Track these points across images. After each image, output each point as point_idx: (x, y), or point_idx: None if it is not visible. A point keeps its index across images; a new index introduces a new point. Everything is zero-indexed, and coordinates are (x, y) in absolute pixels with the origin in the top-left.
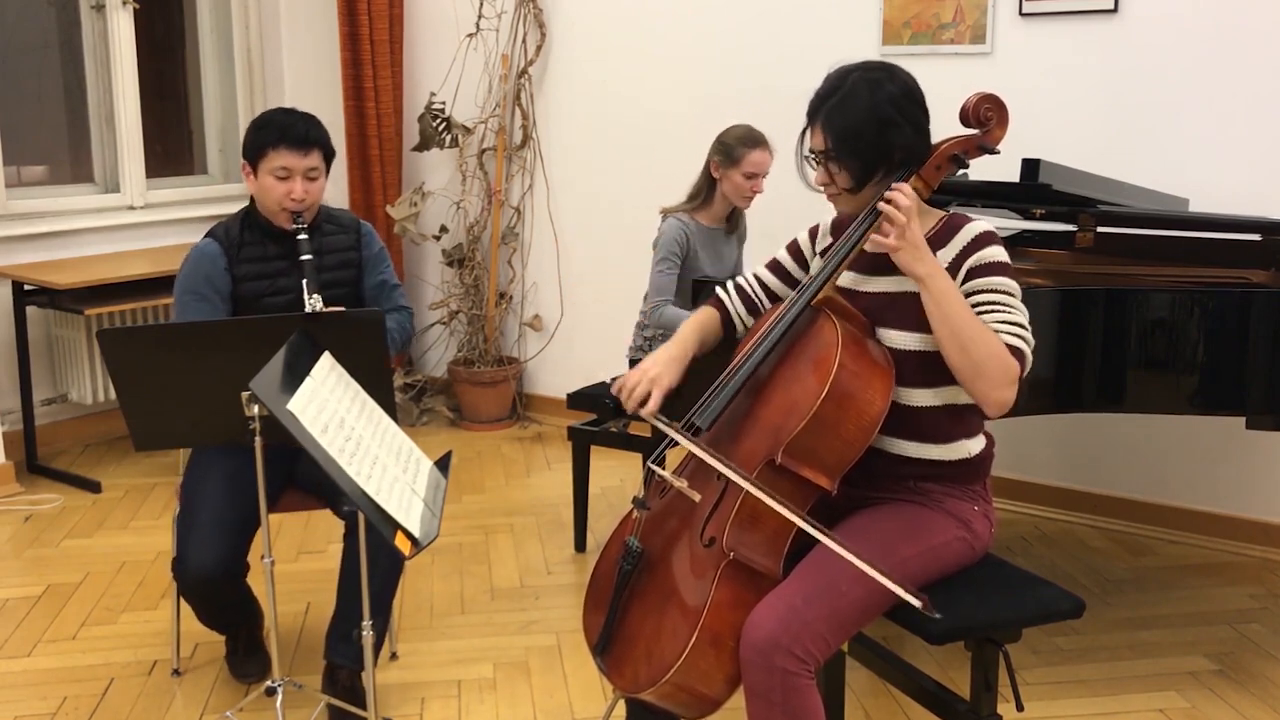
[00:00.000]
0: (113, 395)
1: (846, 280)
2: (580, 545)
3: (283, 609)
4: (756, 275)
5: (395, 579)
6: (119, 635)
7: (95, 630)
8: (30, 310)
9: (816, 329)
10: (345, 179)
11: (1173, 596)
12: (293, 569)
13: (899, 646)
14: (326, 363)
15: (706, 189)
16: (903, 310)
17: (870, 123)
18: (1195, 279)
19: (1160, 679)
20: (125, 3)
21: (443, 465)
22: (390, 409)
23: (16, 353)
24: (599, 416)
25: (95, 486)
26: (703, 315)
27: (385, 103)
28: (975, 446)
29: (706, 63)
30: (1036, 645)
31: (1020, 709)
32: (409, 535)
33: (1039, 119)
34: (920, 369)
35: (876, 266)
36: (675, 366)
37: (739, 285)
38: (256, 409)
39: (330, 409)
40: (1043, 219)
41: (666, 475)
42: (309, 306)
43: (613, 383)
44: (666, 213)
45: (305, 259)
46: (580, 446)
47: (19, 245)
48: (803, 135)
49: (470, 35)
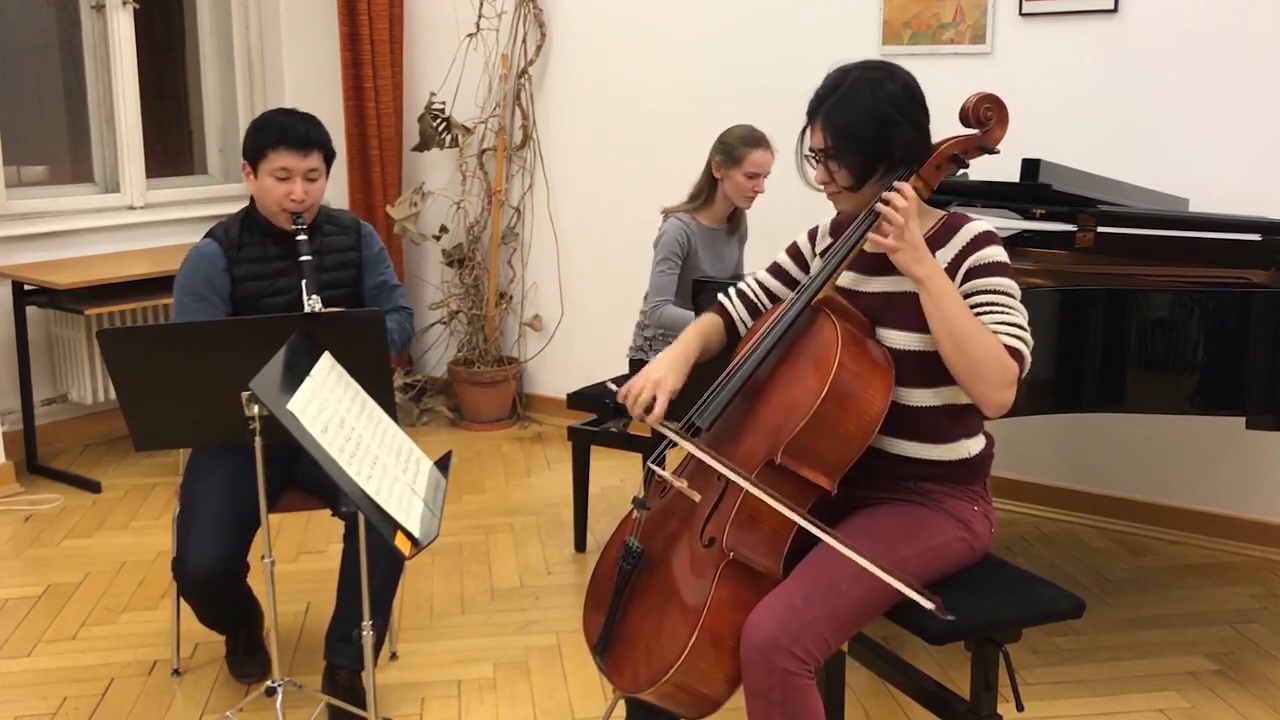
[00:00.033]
0: (113, 395)
1: (846, 280)
2: (580, 545)
3: (283, 609)
4: (758, 279)
5: (395, 579)
6: (119, 635)
7: (95, 630)
8: (30, 310)
9: (816, 329)
10: (345, 179)
11: (1173, 596)
12: (293, 569)
13: (899, 646)
14: (326, 363)
15: (708, 189)
16: (902, 310)
17: (870, 121)
18: (1195, 279)
19: (1160, 679)
20: (125, 3)
21: (443, 465)
22: (390, 409)
23: (16, 353)
24: (599, 416)
25: (95, 486)
26: (705, 321)
27: (385, 103)
28: (975, 446)
29: (706, 63)
30: (1036, 645)
31: (1020, 709)
32: (409, 535)
33: (1039, 119)
34: (920, 369)
35: (876, 266)
36: (678, 369)
37: (740, 290)
38: (256, 409)
39: (330, 409)
40: (1043, 219)
41: (666, 475)
42: (308, 307)
43: (616, 390)
44: (668, 212)
45: (304, 260)
46: (580, 446)
47: (19, 245)
48: (802, 134)
49: (470, 35)
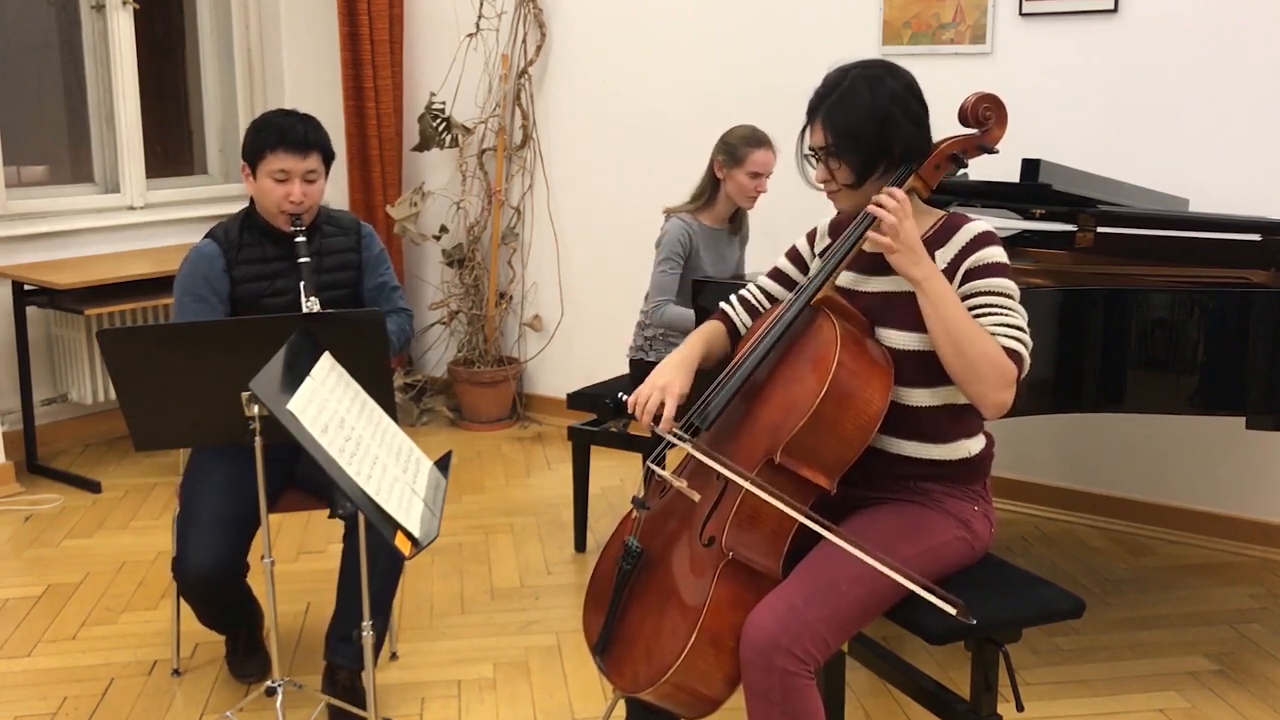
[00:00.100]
0: (113, 395)
1: (845, 280)
2: (580, 545)
3: (283, 609)
4: (759, 284)
5: (395, 579)
6: (119, 635)
7: (95, 630)
8: (30, 310)
9: (815, 328)
10: (345, 179)
11: (1173, 596)
12: (293, 569)
13: (899, 646)
14: (326, 363)
15: (710, 189)
16: (902, 310)
17: (870, 119)
18: (1195, 279)
19: (1160, 679)
20: (125, 3)
21: (443, 465)
22: (390, 409)
23: (16, 353)
24: (599, 416)
25: (95, 486)
26: (708, 327)
27: (385, 103)
28: (975, 446)
29: (706, 63)
30: (1036, 645)
31: (1020, 709)
32: (409, 535)
33: (1039, 119)
34: (919, 368)
35: (875, 266)
36: (684, 372)
37: (742, 296)
38: (256, 409)
39: (330, 409)
40: (1043, 219)
41: (666, 475)
42: (305, 309)
43: (625, 400)
44: (670, 212)
45: (303, 261)
46: (580, 446)
47: (19, 245)
48: (802, 133)
49: (470, 35)
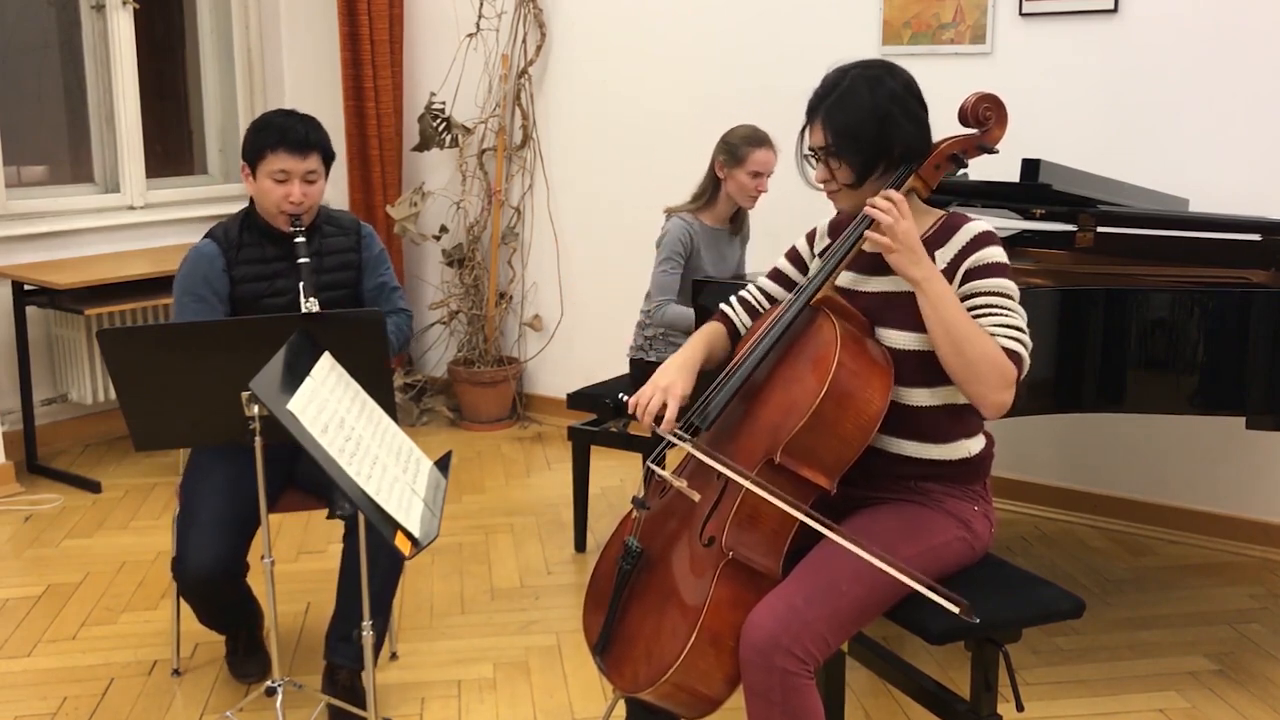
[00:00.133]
0: (113, 395)
1: (845, 280)
2: (580, 545)
3: (283, 609)
4: (759, 285)
5: (395, 579)
6: (119, 635)
7: (95, 630)
8: (30, 310)
9: (815, 328)
10: (345, 179)
11: (1173, 596)
12: (293, 569)
13: (899, 646)
14: (326, 363)
15: (711, 189)
16: (902, 310)
17: (870, 118)
18: (1195, 279)
19: (1160, 679)
20: (125, 3)
21: (443, 465)
22: (390, 409)
23: (16, 353)
24: (599, 416)
25: (95, 486)
26: (709, 328)
27: (385, 103)
28: (975, 446)
29: (706, 63)
30: (1036, 645)
31: (1020, 709)
32: (409, 535)
33: (1039, 119)
34: (919, 368)
35: (875, 266)
36: (686, 373)
37: (742, 297)
38: (256, 409)
39: (330, 409)
40: (1043, 219)
41: (666, 475)
42: (305, 310)
43: (627, 401)
44: (671, 212)
45: (302, 262)
46: (580, 446)
47: (19, 245)
48: (802, 133)
49: (470, 35)
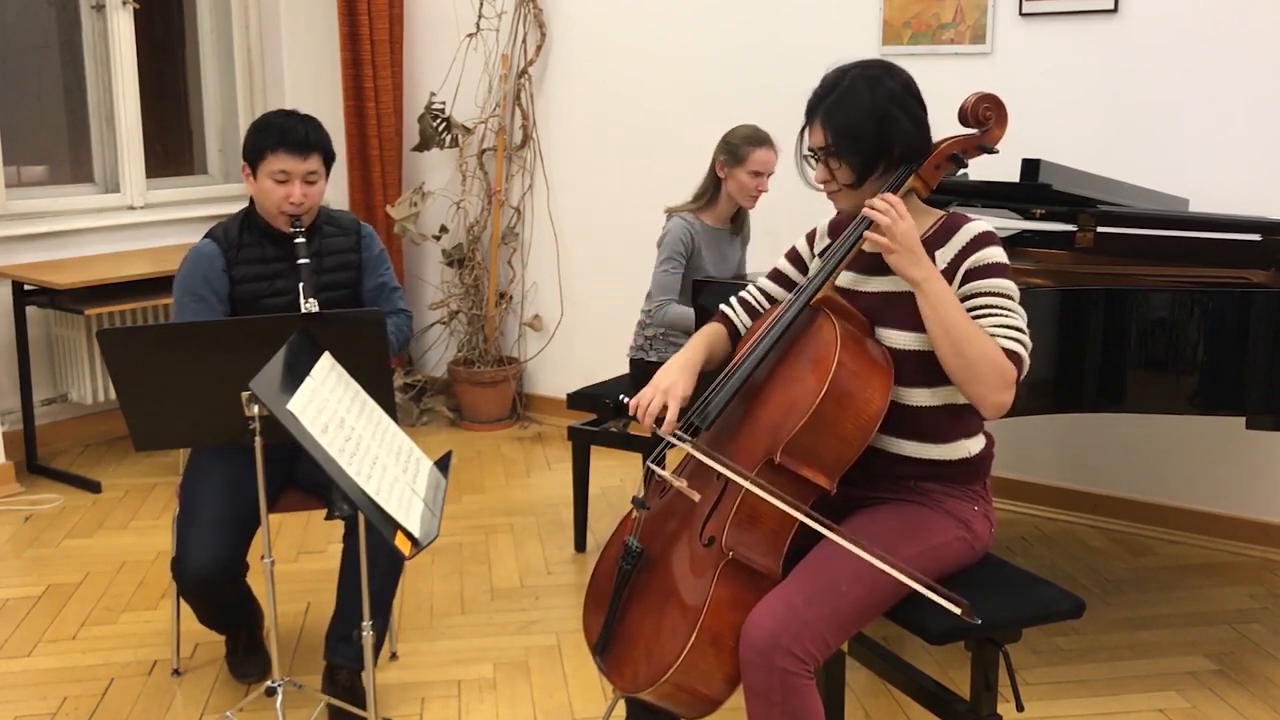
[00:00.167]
0: (113, 395)
1: (845, 280)
2: (580, 545)
3: (283, 609)
4: (759, 285)
5: (395, 579)
6: (119, 635)
7: (95, 630)
8: (30, 310)
9: (815, 328)
10: (345, 179)
11: (1173, 596)
12: (293, 569)
13: (899, 646)
14: (326, 363)
15: (712, 189)
16: (902, 310)
17: (869, 118)
18: (1195, 279)
19: (1160, 679)
20: (125, 3)
21: (443, 465)
22: (390, 409)
23: (16, 353)
24: (599, 416)
25: (95, 486)
26: (709, 329)
27: (385, 103)
28: (975, 446)
29: (706, 63)
30: (1036, 645)
31: (1020, 709)
32: (409, 535)
33: (1039, 119)
34: (919, 368)
35: (875, 266)
36: (687, 375)
37: (742, 298)
38: (256, 409)
39: (330, 409)
40: (1043, 219)
41: (666, 475)
42: (305, 311)
43: (627, 402)
44: (672, 212)
45: (302, 263)
46: (580, 446)
47: (19, 245)
48: (801, 134)
49: (470, 35)
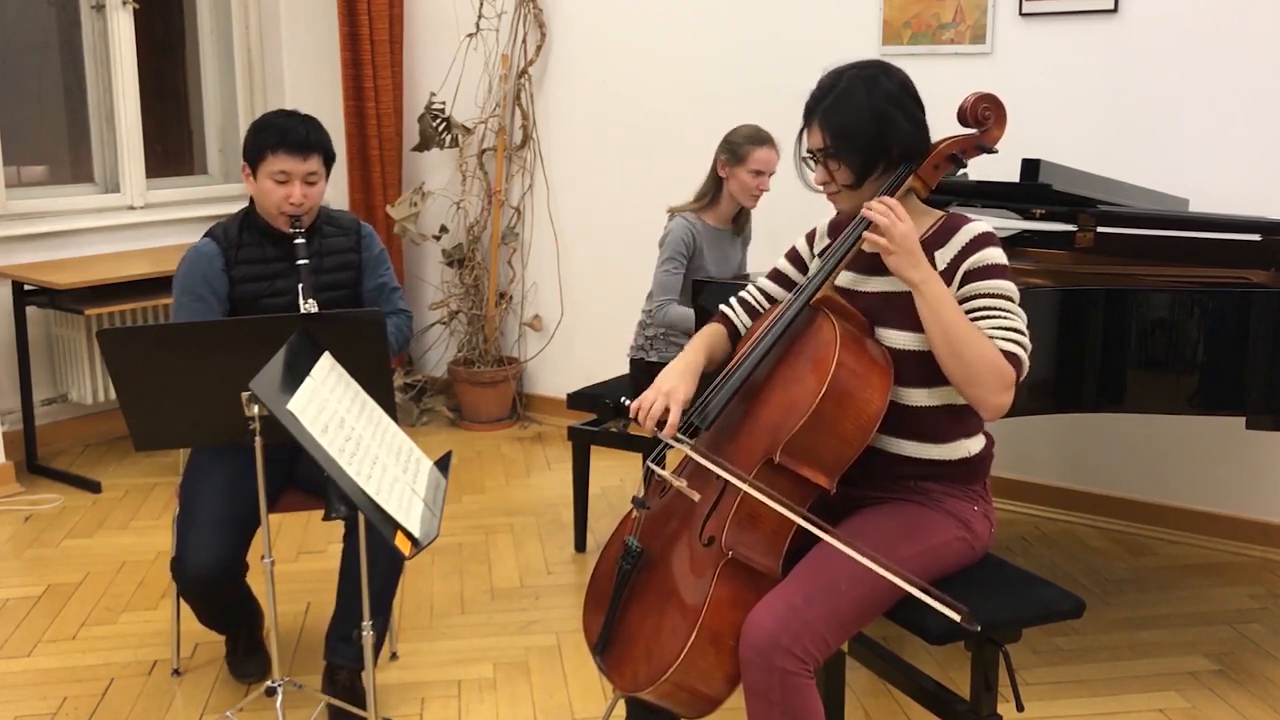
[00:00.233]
0: (113, 395)
1: (845, 280)
2: (580, 545)
3: (283, 609)
4: (759, 285)
5: (395, 579)
6: (119, 635)
7: (95, 630)
8: (30, 310)
9: (815, 328)
10: (345, 179)
11: (1173, 596)
12: (293, 569)
13: (899, 646)
14: (326, 363)
15: (713, 189)
16: (901, 310)
17: (867, 119)
18: (1195, 279)
19: (1160, 679)
20: (125, 3)
21: (443, 465)
22: (390, 409)
23: (16, 353)
24: (599, 416)
25: (95, 486)
26: (710, 331)
27: (385, 103)
28: (975, 446)
29: (706, 63)
30: (1036, 645)
31: (1020, 709)
32: (409, 535)
33: (1039, 119)
34: (919, 368)
35: (875, 266)
36: (688, 378)
37: (741, 298)
38: (256, 409)
39: (330, 409)
40: (1043, 219)
41: (666, 475)
42: (304, 311)
43: (629, 405)
44: (673, 212)
45: (302, 263)
46: (580, 446)
47: (19, 245)
48: (800, 135)
49: (470, 35)
